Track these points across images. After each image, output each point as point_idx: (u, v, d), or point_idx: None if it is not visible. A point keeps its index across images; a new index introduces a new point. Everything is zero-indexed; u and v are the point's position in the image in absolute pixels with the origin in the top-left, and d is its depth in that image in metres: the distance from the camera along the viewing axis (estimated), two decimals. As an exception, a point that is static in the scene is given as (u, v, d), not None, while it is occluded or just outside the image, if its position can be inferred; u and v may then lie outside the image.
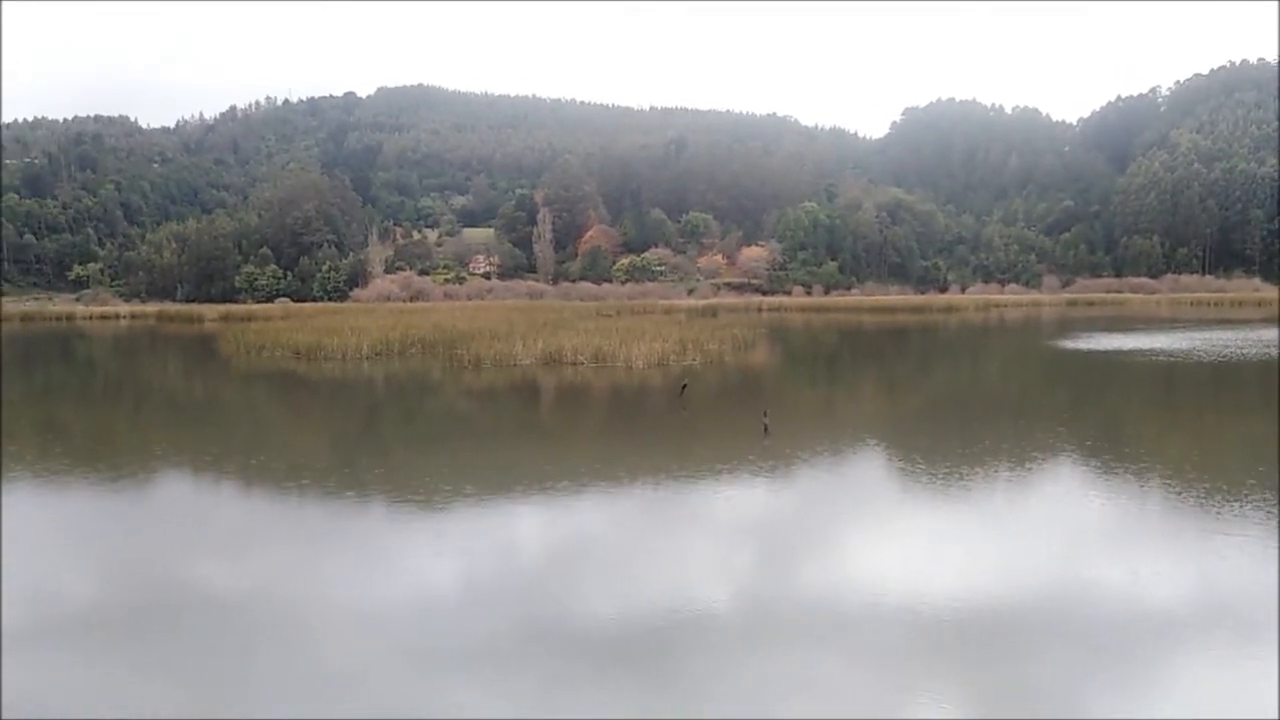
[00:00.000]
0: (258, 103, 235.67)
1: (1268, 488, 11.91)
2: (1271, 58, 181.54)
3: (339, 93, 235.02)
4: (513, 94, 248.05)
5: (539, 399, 24.75)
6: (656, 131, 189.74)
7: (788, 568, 9.21)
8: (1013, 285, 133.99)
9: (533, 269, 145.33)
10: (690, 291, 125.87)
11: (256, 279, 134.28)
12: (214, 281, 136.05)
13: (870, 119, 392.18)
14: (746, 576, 8.97)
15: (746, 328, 45.52)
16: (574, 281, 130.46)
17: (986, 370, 33.31)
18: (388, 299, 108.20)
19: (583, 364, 30.00)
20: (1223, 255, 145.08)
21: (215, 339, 49.45)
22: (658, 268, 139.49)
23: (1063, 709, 6.09)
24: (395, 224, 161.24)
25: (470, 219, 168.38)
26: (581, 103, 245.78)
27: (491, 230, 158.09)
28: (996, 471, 13.63)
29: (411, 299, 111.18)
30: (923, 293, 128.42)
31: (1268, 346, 35.74)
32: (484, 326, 42.22)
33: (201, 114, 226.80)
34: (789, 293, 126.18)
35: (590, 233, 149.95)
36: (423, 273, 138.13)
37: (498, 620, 7.74)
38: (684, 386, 22.28)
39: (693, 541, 10.12)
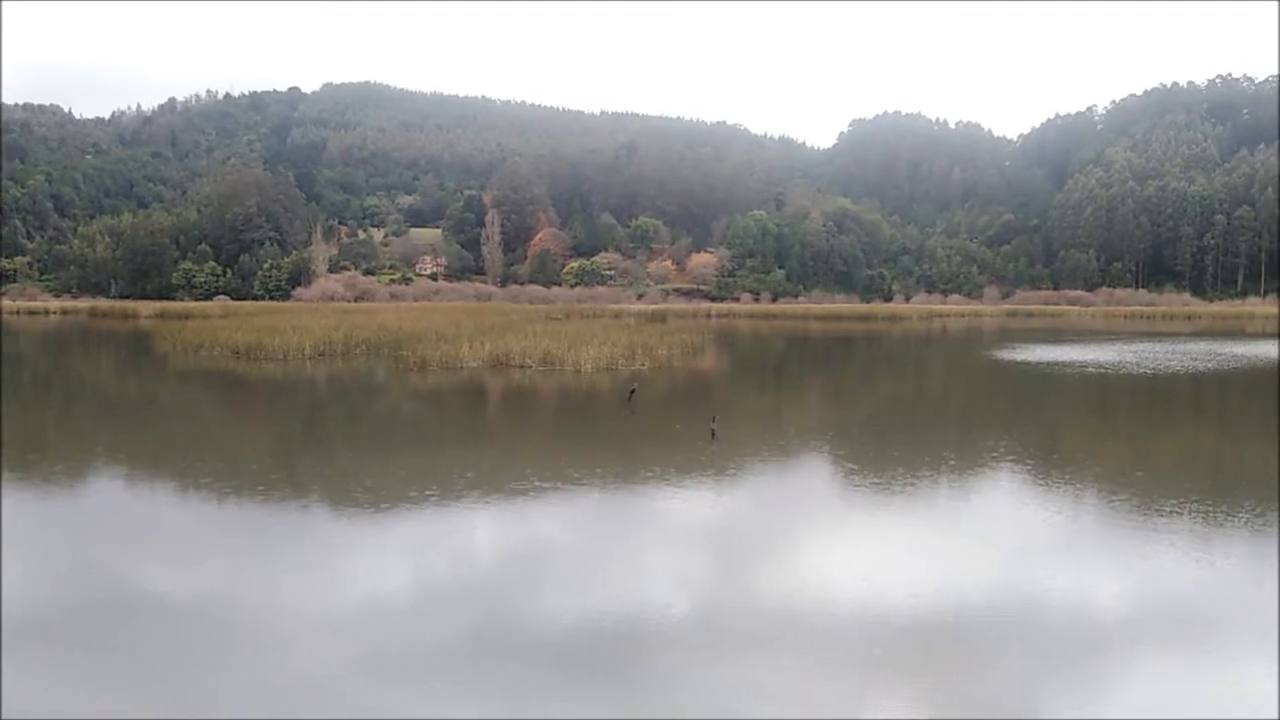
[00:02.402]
0: (198, 96, 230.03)
1: (1198, 492, 12.32)
2: (1200, 81, 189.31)
3: (283, 88, 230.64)
4: (462, 94, 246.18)
5: (487, 402, 24.50)
6: (607, 136, 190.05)
7: (741, 573, 9.22)
8: (955, 296, 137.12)
9: (481, 271, 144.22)
10: (639, 296, 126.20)
11: (195, 276, 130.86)
12: (149, 278, 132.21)
13: (818, 129, 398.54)
14: (701, 582, 8.96)
15: (695, 333, 45.70)
16: (523, 284, 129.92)
17: (931, 379, 33.97)
18: (332, 299, 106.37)
19: (531, 367, 29.80)
20: (1155, 270, 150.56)
21: (151, 337, 47.98)
22: (607, 272, 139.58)
23: (1019, 711, 6.19)
24: (340, 223, 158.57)
25: (417, 219, 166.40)
26: (531, 105, 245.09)
27: (439, 231, 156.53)
28: (942, 478, 13.87)
29: (356, 299, 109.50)
30: (868, 302, 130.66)
31: (1194, 359, 37.09)
32: (430, 328, 41.74)
33: (138, 105, 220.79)
34: (737, 299, 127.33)
35: (539, 235, 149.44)
36: (368, 273, 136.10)
37: (453, 626, 7.61)
38: (632, 391, 22.26)
39: (646, 547, 10.08)
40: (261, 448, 17.14)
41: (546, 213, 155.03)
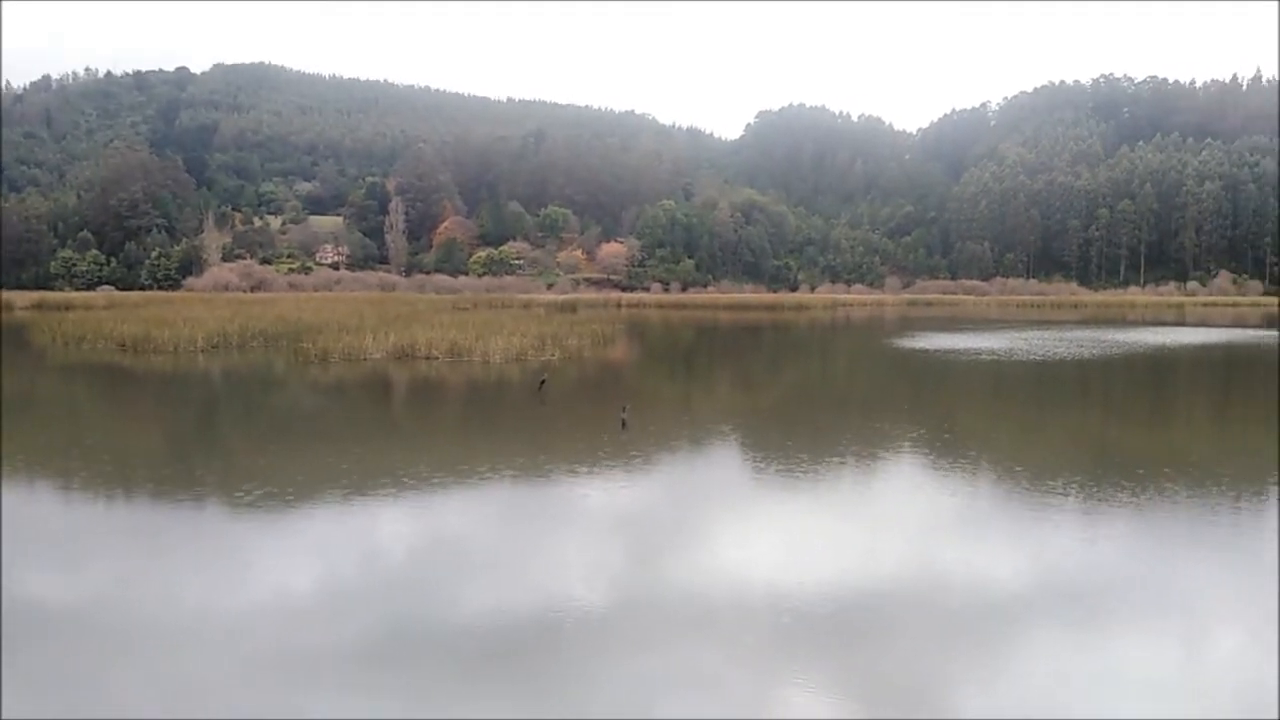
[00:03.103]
0: (76, 73, 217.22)
1: (1083, 473, 12.99)
2: (1086, 80, 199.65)
3: (170, 67, 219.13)
4: (363, 78, 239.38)
5: (392, 395, 23.92)
6: (515, 123, 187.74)
7: (655, 561, 9.25)
8: (858, 285, 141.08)
9: (384, 260, 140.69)
10: (549, 286, 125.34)
11: (75, 265, 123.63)
12: (25, 267, 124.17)
13: (726, 120, 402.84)
14: (615, 572, 8.95)
15: (606, 323, 45.67)
16: (428, 274, 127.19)
17: (835, 367, 34.83)
18: (226, 289, 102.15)
19: (438, 359, 29.24)
20: (1044, 260, 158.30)
21: (27, 329, 45.12)
22: (516, 261, 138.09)
23: (929, 687, 6.38)
24: (234, 209, 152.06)
25: (317, 206, 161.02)
26: (436, 90, 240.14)
27: (340, 219, 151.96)
28: (847, 464, 14.22)
29: (252, 289, 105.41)
30: (775, 291, 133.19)
31: (1080, 346, 39.11)
32: (332, 319, 40.51)
33: (8, 82, 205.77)
34: (647, 289, 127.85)
35: (445, 224, 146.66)
36: (265, 261, 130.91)
37: (361, 626, 7.39)
38: (542, 382, 22.10)
39: (559, 538, 10.00)
40: (152, 446, 16.30)
41: (453, 201, 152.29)
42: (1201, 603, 8.00)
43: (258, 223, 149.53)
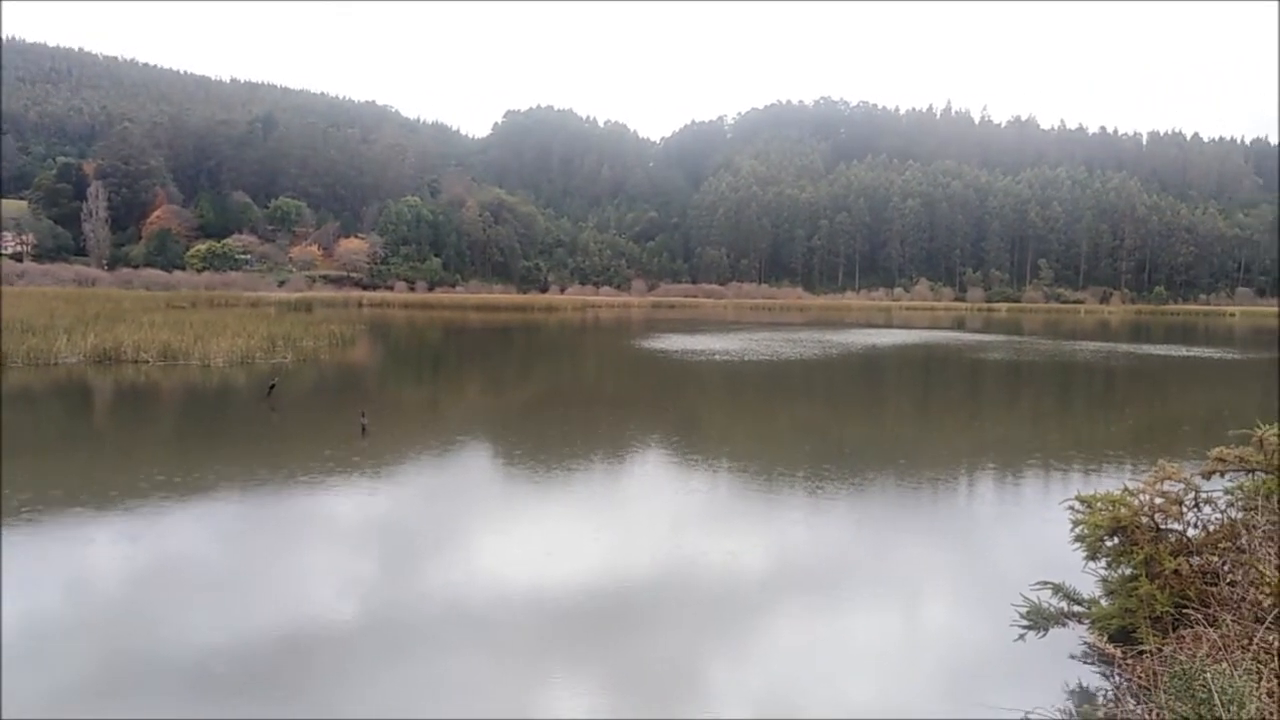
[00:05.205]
0: None
1: (809, 462, 14.02)
2: (809, 101, 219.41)
3: None
4: (52, 43, 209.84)
5: (94, 403, 20.98)
6: (239, 107, 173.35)
7: (408, 570, 8.77)
8: (606, 288, 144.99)
9: (82, 251, 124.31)
10: (281, 283, 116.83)
11: None
12: None
13: (474, 117, 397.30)
14: (366, 583, 8.38)
15: (345, 323, 43.38)
16: (137, 268, 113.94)
17: (585, 368, 35.33)
18: None
19: (149, 362, 26.20)
20: (774, 266, 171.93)
21: None
22: (242, 256, 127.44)
23: (685, 671, 6.58)
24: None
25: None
26: (145, 65, 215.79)
27: (24, 203, 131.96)
28: (597, 462, 14.36)
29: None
30: (525, 292, 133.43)
31: (804, 347, 42.64)
32: (14, 317, 34.95)
33: None
34: (391, 288, 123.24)
35: (158, 213, 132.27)
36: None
37: (74, 664, 6.39)
38: (272, 386, 20.48)
39: (299, 552, 9.18)
40: None
41: (166, 188, 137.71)
42: (915, 579, 8.83)
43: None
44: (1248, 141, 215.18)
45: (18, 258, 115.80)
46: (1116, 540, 6.95)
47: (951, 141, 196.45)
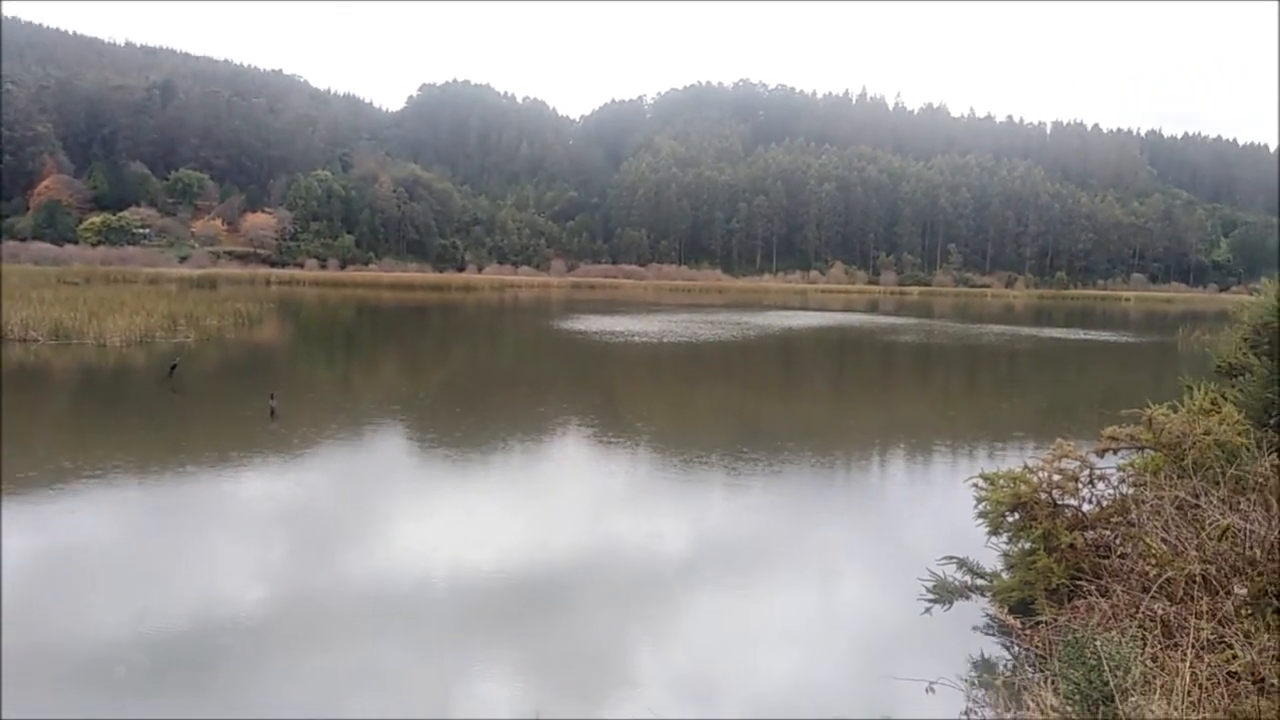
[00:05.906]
0: None
1: (726, 443, 14.22)
2: (728, 83, 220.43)
3: None
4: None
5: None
6: (135, 72, 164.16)
7: (322, 559, 8.55)
8: (525, 267, 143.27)
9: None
10: (183, 259, 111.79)
11: None
12: None
13: (387, 90, 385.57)
14: (283, 571, 8.16)
15: (252, 301, 41.90)
16: (23, 240, 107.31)
17: (503, 349, 34.98)
18: None
19: (38, 341, 24.80)
20: (694, 248, 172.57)
21: None
22: (140, 230, 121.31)
23: (609, 654, 6.63)
24: None
25: None
26: (28, 23, 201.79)
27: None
28: (515, 444, 14.26)
29: None
30: (441, 271, 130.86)
31: (722, 329, 43.11)
32: (-114, 292, 32.63)
33: None
34: (301, 265, 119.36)
35: (46, 183, 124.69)
36: None
37: None
38: (173, 367, 19.66)
39: (207, 539, 8.86)
40: None
41: (55, 156, 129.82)
42: (829, 557, 9.06)
43: None
44: (1143, 133, 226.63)
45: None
46: (1017, 516, 7.27)
47: (867, 127, 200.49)
